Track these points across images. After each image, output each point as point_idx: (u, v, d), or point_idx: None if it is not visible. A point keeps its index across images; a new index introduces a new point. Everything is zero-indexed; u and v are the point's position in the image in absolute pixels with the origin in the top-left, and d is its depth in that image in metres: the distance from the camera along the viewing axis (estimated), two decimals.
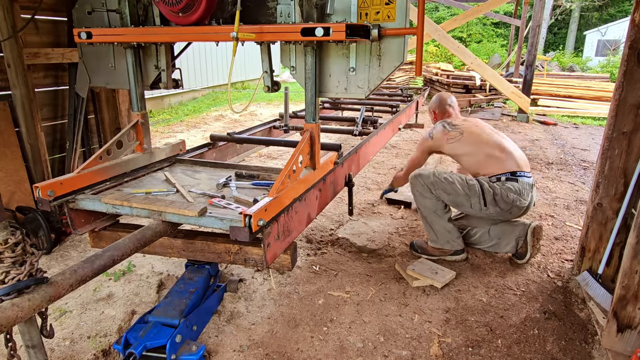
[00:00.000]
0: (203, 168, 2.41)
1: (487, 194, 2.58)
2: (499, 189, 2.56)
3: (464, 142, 2.75)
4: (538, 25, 7.93)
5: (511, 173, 2.60)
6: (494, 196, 2.57)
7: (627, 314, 1.89)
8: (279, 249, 1.76)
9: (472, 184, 2.62)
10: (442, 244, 2.74)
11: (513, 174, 2.60)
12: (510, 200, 2.56)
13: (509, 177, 2.59)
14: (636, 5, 2.13)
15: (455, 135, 2.78)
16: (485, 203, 2.59)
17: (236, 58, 1.72)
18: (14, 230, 1.21)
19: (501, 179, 2.59)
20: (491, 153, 2.67)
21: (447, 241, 2.73)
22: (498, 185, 2.57)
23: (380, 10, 1.71)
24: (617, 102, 2.23)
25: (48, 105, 3.27)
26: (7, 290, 1.15)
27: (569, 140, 6.48)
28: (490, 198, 2.58)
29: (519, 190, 2.56)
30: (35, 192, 1.72)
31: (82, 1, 2.10)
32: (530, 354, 2.02)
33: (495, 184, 2.59)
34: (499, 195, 2.56)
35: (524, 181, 2.60)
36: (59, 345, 2.07)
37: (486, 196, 2.58)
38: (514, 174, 2.60)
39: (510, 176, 2.59)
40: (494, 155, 2.66)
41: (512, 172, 2.60)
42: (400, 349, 2.04)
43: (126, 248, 1.50)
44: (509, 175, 2.59)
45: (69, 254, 2.92)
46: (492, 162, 2.65)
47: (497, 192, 2.57)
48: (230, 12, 1.89)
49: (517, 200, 2.57)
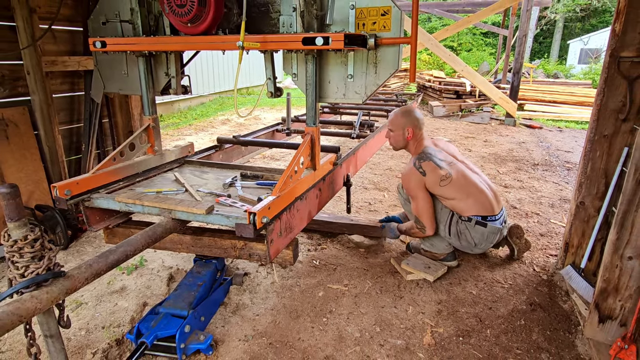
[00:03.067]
0: (210, 169, 2.41)
1: (452, 226, 2.51)
2: (464, 229, 2.49)
3: (454, 185, 2.44)
4: (524, 34, 7.93)
5: (482, 217, 2.46)
6: (457, 232, 2.51)
7: (608, 305, 1.89)
8: (281, 244, 1.76)
9: (445, 211, 2.54)
10: (429, 246, 2.66)
11: (484, 218, 2.46)
12: (473, 243, 2.51)
13: (479, 222, 2.46)
14: (616, 17, 2.14)
15: (446, 175, 2.44)
16: (449, 233, 2.53)
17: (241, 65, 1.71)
18: (33, 227, 1.21)
19: (472, 220, 2.46)
20: (470, 194, 2.46)
21: (432, 244, 2.63)
22: (466, 225, 2.48)
23: (376, 20, 1.71)
24: (599, 107, 2.24)
25: (65, 110, 3.27)
26: (26, 284, 1.15)
27: (554, 142, 6.47)
28: (455, 232, 2.51)
29: (483, 236, 2.48)
30: (53, 192, 1.72)
31: (97, 12, 2.10)
32: (517, 343, 2.02)
33: (463, 224, 2.49)
34: (462, 235, 2.50)
35: (492, 227, 2.47)
36: (75, 335, 2.07)
37: (451, 229, 2.52)
38: (484, 218, 2.46)
39: (480, 220, 2.46)
40: (472, 196, 2.46)
41: (484, 216, 2.46)
42: (395, 338, 2.04)
43: (138, 244, 1.50)
44: (479, 219, 2.45)
45: (85, 249, 2.92)
46: (469, 204, 2.46)
47: (461, 231, 2.50)
48: (235, 23, 1.89)
49: (480, 244, 2.52)
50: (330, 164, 2.28)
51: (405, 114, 2.57)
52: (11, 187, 1.14)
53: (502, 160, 5.34)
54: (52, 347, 1.32)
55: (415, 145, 2.58)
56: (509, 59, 11.59)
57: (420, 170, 2.45)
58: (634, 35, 2.08)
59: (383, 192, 4.10)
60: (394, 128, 2.58)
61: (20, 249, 1.17)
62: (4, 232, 1.18)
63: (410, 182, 2.50)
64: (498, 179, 4.55)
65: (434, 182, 2.44)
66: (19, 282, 1.16)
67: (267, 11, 1.90)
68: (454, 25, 9.92)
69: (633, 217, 1.74)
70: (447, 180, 2.43)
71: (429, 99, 9.96)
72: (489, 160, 5.33)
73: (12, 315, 1.07)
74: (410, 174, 2.50)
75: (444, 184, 2.44)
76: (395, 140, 2.61)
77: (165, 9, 1.77)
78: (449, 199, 2.48)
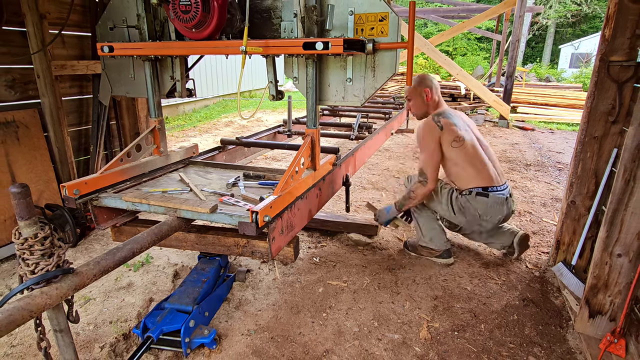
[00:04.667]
0: (214, 169, 2.41)
1: (454, 203, 2.46)
2: (465, 202, 2.42)
3: (462, 151, 2.37)
4: (517, 39, 7.93)
5: (483, 188, 2.39)
6: (460, 207, 2.46)
7: (598, 301, 1.89)
8: (283, 242, 1.76)
9: (445, 190, 2.49)
10: (427, 241, 2.64)
11: (485, 189, 2.39)
12: (477, 215, 2.42)
13: (480, 192, 2.38)
14: (606, 22, 2.14)
15: (461, 137, 2.37)
16: (454, 211, 2.48)
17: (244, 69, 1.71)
18: (43, 226, 1.21)
19: (472, 192, 2.40)
20: (473, 165, 2.39)
21: (431, 239, 2.61)
22: (467, 198, 2.41)
23: (374, 26, 1.71)
24: (589, 110, 2.23)
25: (74, 113, 3.27)
26: (36, 280, 1.15)
27: (546, 144, 6.47)
28: (458, 208, 2.46)
29: (487, 206, 2.39)
30: (62, 191, 1.72)
31: (104, 18, 2.10)
32: (510, 337, 2.02)
33: (463, 197, 2.42)
34: (465, 208, 2.44)
35: (495, 196, 2.38)
36: (83, 329, 2.06)
37: (454, 205, 2.46)
38: (485, 189, 2.39)
39: (481, 191, 2.38)
40: (474, 167, 2.39)
41: (484, 187, 2.39)
42: (392, 332, 2.04)
43: (144, 241, 1.50)
44: (480, 190, 2.38)
45: (93, 247, 2.92)
46: (470, 174, 2.40)
47: (463, 204, 2.43)
48: (238, 28, 1.89)
49: (485, 215, 2.42)
50: (329, 165, 2.28)
51: (419, 81, 2.55)
52: (22, 187, 1.14)
53: None
54: (61, 341, 1.32)
55: (434, 108, 2.55)
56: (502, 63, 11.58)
57: (439, 125, 2.39)
58: (623, 40, 2.08)
59: (381, 191, 4.10)
60: (412, 96, 2.56)
61: (31, 246, 1.17)
62: (15, 230, 1.18)
63: (425, 133, 2.42)
64: None
65: (448, 140, 2.37)
66: (30, 279, 1.16)
67: (269, 17, 1.90)
68: (449, 30, 9.91)
69: (622, 215, 1.74)
70: (460, 142, 2.36)
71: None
72: None
73: (22, 310, 1.07)
74: (426, 126, 2.43)
75: (456, 146, 2.37)
76: (416, 107, 2.58)
77: (171, 14, 1.77)
78: (452, 164, 2.42)
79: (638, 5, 2.01)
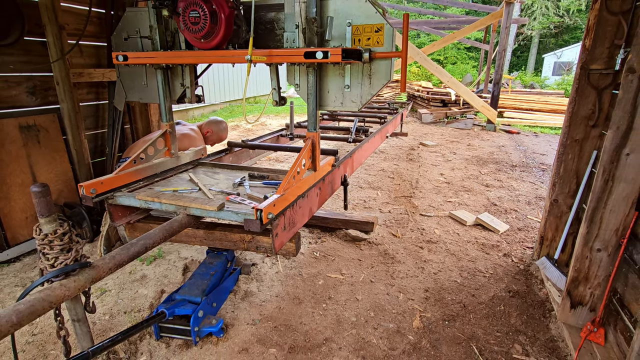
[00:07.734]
0: (221, 170, 2.40)
1: None
2: None
3: None
4: (504, 49, 7.93)
5: None
6: None
7: (579, 293, 1.89)
8: (285, 238, 1.76)
9: None
10: None
11: None
12: None
13: None
14: (586, 33, 2.14)
15: None
16: None
17: (249, 77, 1.72)
18: (62, 223, 1.21)
19: None
20: None
21: None
22: None
23: (371, 36, 1.71)
24: (571, 114, 2.24)
25: (90, 117, 3.26)
26: (56, 273, 1.15)
27: (530, 146, 6.47)
28: None
29: None
30: (80, 190, 1.72)
31: (119, 29, 2.10)
32: (497, 326, 2.02)
33: None
34: None
35: None
36: (100, 319, 2.06)
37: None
38: None
39: None
40: None
41: None
42: (387, 322, 2.04)
43: (156, 237, 1.50)
44: None
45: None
46: None
47: None
48: (244, 39, 1.89)
49: None
50: (329, 166, 2.28)
51: None
52: (42, 187, 1.14)
53: (484, 162, 5.33)
54: (79, 330, 1.32)
55: None
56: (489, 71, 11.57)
57: None
58: (602, 49, 2.08)
59: (377, 190, 4.10)
60: None
61: (51, 242, 1.17)
62: (36, 227, 1.18)
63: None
64: (480, 179, 4.55)
65: None
66: (50, 272, 1.16)
67: (272, 28, 1.90)
68: (440, 40, 9.91)
69: (601, 213, 1.74)
70: None
71: (418, 107, 9.95)
72: (472, 162, 5.32)
73: (43, 301, 1.07)
74: None
75: None
76: None
77: (181, 26, 1.77)
78: None
79: (616, 17, 2.01)
